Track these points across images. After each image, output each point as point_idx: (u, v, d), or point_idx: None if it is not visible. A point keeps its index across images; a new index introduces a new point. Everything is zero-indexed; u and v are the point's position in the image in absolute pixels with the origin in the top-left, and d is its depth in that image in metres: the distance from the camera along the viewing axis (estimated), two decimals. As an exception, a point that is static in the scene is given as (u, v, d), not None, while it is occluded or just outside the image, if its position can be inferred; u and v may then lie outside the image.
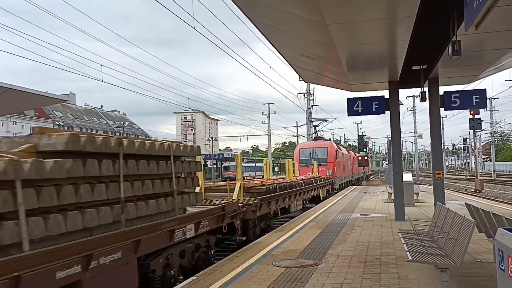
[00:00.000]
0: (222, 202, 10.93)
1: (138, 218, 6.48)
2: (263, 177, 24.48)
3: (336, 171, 33.07)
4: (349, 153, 46.37)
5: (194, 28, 17.54)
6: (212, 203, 10.89)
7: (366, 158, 45.30)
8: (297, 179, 20.16)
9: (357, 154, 47.60)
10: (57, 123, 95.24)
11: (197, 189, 10.18)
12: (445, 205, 8.19)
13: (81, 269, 4.91)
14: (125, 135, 78.79)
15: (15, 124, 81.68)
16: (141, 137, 9.40)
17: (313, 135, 41.65)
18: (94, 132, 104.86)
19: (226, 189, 12.95)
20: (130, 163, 6.44)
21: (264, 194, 13.13)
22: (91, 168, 5.57)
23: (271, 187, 14.28)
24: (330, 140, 48.68)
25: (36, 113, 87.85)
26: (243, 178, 14.28)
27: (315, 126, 43.48)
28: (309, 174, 27.08)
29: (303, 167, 30.90)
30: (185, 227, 7.72)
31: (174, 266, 7.55)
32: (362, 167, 51.88)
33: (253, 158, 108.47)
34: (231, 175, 51.23)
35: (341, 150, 39.63)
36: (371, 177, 79.47)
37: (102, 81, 27.12)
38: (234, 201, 11.41)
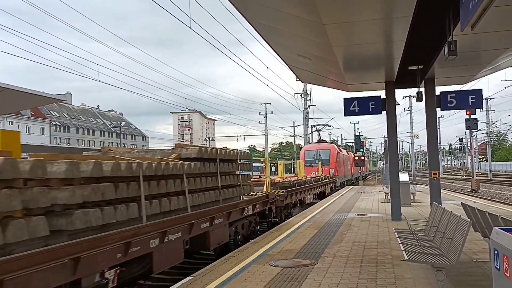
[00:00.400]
0: (259, 193, 13.87)
1: (224, 200, 10.28)
2: (260, 176, 26.67)
3: (338, 171, 35.99)
4: (348, 154, 48.78)
5: (191, 28, 17.51)
6: (255, 194, 13.71)
7: (363, 158, 45.46)
8: (307, 177, 23.64)
9: (354, 154, 48.40)
10: (53, 123, 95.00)
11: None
12: (441, 205, 8.21)
13: (209, 225, 8.92)
14: (122, 135, 78.53)
15: (11, 124, 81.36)
16: (218, 147, 12.02)
17: (317, 138, 44.96)
18: (91, 131, 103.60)
19: (257, 183, 15.48)
20: (222, 164, 10.30)
21: (287, 188, 16.48)
22: (207, 168, 9.49)
23: (291, 183, 17.70)
24: (331, 142, 52.39)
25: (33, 113, 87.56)
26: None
27: (318, 131, 46.73)
28: (313, 173, 29.79)
29: (308, 167, 33.35)
30: (249, 207, 11.69)
31: (240, 234, 11.35)
32: (367, 167, 55.12)
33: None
34: None
35: (341, 151, 42.52)
36: (368, 176, 79.73)
37: (99, 81, 27.00)
38: (269, 192, 14.30)
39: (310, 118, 49.81)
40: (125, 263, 6.08)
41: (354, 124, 75.43)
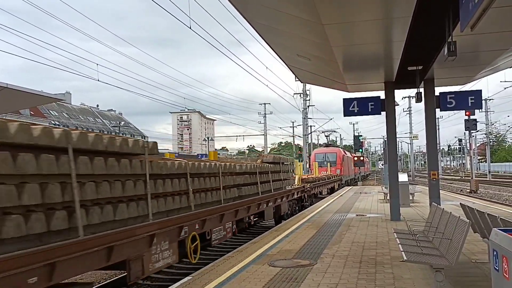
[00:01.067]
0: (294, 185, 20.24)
1: (276, 189, 15.76)
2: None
3: (343, 171, 42.13)
4: (351, 156, 53.07)
5: (190, 28, 17.51)
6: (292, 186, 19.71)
7: (362, 158, 45.59)
8: (321, 176, 31.37)
9: (353, 155, 49.12)
10: (52, 122, 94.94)
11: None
12: (440, 205, 8.22)
13: (281, 201, 16.05)
14: (121, 135, 78.61)
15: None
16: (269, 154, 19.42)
17: (325, 142, 51.72)
18: (90, 131, 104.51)
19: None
20: (280, 165, 16.85)
21: (312, 183, 23.41)
22: (275, 167, 16.18)
23: (314, 179, 25.45)
24: (337, 146, 60.47)
25: (32, 112, 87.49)
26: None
27: (327, 136, 52.27)
28: (323, 173, 35.37)
29: (318, 167, 38.89)
30: (294, 192, 18.38)
31: (291, 210, 17.80)
32: (362, 167, 61.16)
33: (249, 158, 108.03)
34: None
35: (346, 154, 48.47)
36: (369, 177, 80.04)
37: (98, 80, 26.94)
38: (304, 185, 21.54)
39: (309, 118, 49.88)
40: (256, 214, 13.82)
41: (354, 124, 75.48)
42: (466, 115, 29.56)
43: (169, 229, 7.68)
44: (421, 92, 13.07)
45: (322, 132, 54.05)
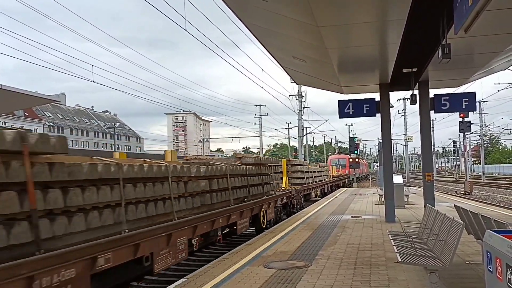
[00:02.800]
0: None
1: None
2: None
3: (350, 172, 54.89)
4: (363, 161, 70.91)
5: (186, 30, 17.50)
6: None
7: (357, 160, 45.69)
8: (337, 174, 46.67)
9: (349, 157, 49.99)
10: (47, 123, 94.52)
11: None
12: (435, 207, 8.24)
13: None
14: (116, 136, 78.18)
15: (4, 124, 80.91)
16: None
17: (337, 151, 64.37)
18: (85, 132, 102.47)
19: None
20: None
21: (337, 177, 37.02)
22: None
23: (333, 177, 39.04)
24: (345, 153, 73.39)
25: (26, 114, 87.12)
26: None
27: (339, 147, 63.76)
28: (336, 173, 49.14)
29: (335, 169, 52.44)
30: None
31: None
32: (362, 169, 74.50)
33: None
34: None
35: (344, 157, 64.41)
36: (366, 178, 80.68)
37: (93, 81, 26.90)
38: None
39: (304, 120, 49.96)
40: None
41: (349, 126, 75.48)
42: (460, 117, 29.72)
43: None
44: (415, 94, 13.13)
45: (337, 144, 63.14)
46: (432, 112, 13.61)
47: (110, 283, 6.86)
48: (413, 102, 13.15)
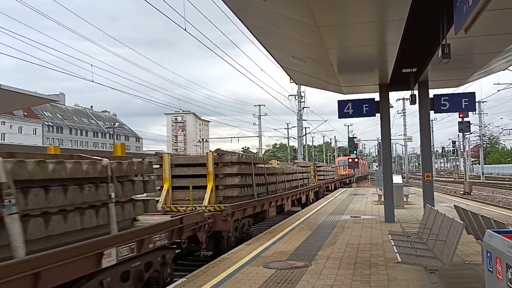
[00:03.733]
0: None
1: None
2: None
3: (355, 171, 60.46)
4: (363, 162, 76.03)
5: (185, 30, 17.48)
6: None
7: (356, 160, 45.66)
8: (345, 174, 53.73)
9: (348, 157, 50.29)
10: (46, 123, 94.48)
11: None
12: (434, 207, 8.25)
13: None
14: (115, 136, 78.11)
15: (3, 124, 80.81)
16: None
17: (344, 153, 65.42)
18: (84, 132, 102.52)
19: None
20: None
21: (345, 176, 48.49)
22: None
23: (341, 175, 47.42)
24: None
25: (25, 113, 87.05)
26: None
27: (349, 152, 61.20)
28: (343, 172, 55.53)
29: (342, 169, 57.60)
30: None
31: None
32: (363, 169, 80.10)
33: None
34: None
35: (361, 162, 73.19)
36: (366, 178, 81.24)
37: (92, 81, 26.83)
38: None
39: (304, 120, 49.94)
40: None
41: (348, 126, 75.42)
42: (460, 117, 29.70)
43: None
44: (415, 94, 13.13)
45: (346, 148, 64.56)
46: (431, 112, 13.61)
47: None
48: (412, 102, 13.15)
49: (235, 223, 11.46)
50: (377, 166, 31.55)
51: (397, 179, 17.83)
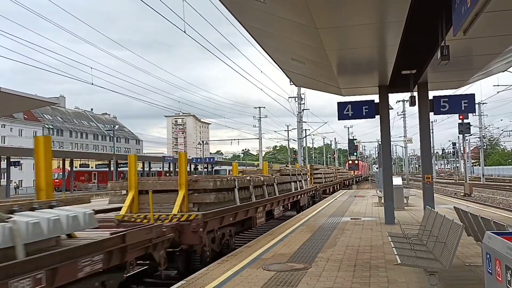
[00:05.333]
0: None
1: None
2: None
3: (361, 172, 70.66)
4: (365, 164, 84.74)
5: (185, 32, 17.49)
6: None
7: (356, 162, 45.76)
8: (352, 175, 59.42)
9: (348, 159, 50.35)
10: (46, 126, 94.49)
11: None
12: (434, 209, 8.24)
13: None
14: (115, 139, 78.05)
15: (4, 127, 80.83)
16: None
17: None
18: (84, 135, 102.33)
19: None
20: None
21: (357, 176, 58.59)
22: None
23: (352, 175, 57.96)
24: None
25: (26, 116, 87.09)
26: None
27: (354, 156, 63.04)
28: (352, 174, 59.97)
29: (350, 170, 58.16)
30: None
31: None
32: (365, 170, 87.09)
33: (244, 161, 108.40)
34: None
35: (362, 163, 79.44)
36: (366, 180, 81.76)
37: (92, 83, 26.86)
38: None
39: (304, 122, 49.98)
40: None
41: (348, 128, 75.48)
42: (459, 118, 29.71)
43: None
44: (415, 96, 13.12)
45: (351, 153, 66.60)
46: (431, 114, 13.60)
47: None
48: (412, 104, 13.15)
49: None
50: (377, 168, 31.39)
51: (397, 181, 17.82)
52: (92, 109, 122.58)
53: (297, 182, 20.84)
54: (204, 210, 9.62)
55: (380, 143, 17.64)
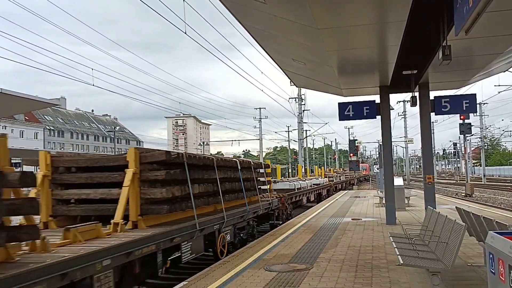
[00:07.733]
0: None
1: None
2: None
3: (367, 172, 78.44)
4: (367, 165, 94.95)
5: (185, 33, 17.48)
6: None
7: (357, 162, 45.77)
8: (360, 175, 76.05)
9: (349, 159, 50.41)
10: (47, 127, 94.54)
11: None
12: (436, 209, 8.23)
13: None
14: (116, 140, 78.15)
15: (5, 128, 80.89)
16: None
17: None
18: (85, 136, 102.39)
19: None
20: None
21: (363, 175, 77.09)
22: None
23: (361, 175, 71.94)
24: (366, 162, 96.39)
25: (26, 117, 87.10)
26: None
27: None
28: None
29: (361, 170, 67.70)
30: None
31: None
32: (366, 171, 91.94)
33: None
34: None
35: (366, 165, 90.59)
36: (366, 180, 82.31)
37: (93, 85, 26.77)
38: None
39: (304, 122, 49.97)
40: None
41: (349, 128, 75.43)
42: (460, 119, 29.68)
43: None
44: (416, 96, 13.11)
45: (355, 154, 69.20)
46: (432, 114, 13.59)
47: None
48: (413, 104, 13.13)
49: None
50: (377, 169, 31.40)
51: (398, 181, 17.81)
52: (92, 110, 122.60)
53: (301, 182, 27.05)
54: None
55: (381, 143, 17.62)
